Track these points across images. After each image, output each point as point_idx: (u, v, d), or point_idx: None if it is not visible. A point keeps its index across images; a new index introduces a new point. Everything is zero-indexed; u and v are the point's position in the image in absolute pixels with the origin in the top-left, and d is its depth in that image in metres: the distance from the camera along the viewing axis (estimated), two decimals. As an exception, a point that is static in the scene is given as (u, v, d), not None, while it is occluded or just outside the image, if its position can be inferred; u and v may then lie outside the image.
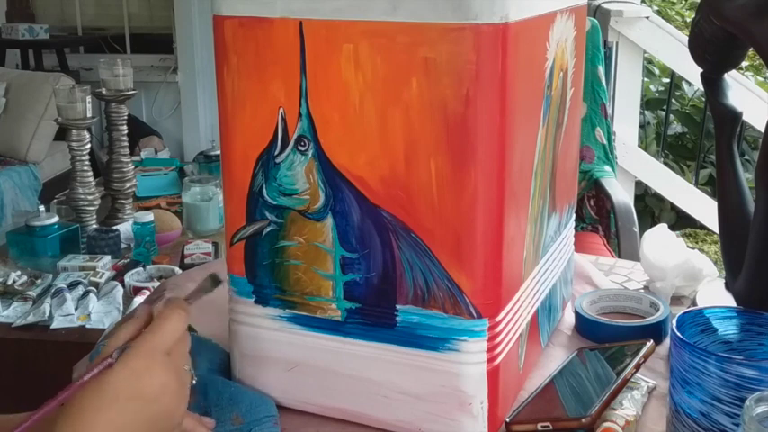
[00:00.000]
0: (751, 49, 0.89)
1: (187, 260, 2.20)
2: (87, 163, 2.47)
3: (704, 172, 3.95)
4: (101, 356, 0.64)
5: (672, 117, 4.15)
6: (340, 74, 0.73)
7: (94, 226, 2.47)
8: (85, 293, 2.02)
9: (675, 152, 4.22)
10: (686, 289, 1.12)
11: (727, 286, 0.97)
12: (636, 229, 2.30)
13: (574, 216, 1.06)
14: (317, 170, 0.77)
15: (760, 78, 4.28)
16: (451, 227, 0.73)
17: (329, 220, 0.77)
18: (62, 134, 2.75)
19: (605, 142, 2.60)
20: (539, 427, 0.77)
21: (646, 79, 4.03)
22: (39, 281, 2.12)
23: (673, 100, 3.98)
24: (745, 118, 0.97)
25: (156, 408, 0.63)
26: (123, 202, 2.60)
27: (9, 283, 2.09)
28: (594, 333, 1.00)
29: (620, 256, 2.20)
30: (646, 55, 3.38)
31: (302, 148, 0.77)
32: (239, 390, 0.83)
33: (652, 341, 0.87)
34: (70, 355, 1.05)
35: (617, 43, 3.18)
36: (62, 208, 2.60)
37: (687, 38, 0.96)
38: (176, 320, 0.68)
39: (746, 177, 0.94)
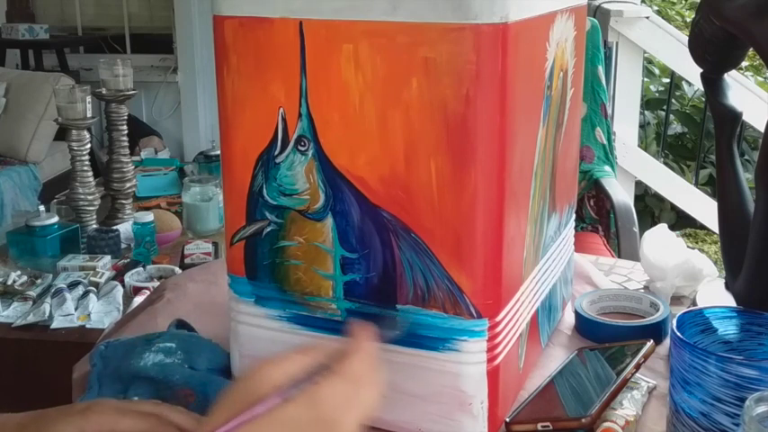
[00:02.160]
0: (751, 49, 0.89)
1: (187, 260, 2.20)
2: (87, 163, 2.47)
3: (704, 172, 3.95)
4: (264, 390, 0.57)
5: (672, 117, 4.16)
6: (340, 74, 0.73)
7: (94, 226, 2.47)
8: (85, 293, 2.02)
9: (675, 152, 4.22)
10: (686, 289, 1.12)
11: (727, 286, 0.97)
12: (636, 229, 2.30)
13: (574, 216, 1.06)
14: (317, 170, 0.77)
15: (760, 78, 4.28)
16: (451, 227, 0.73)
17: (329, 220, 0.77)
18: (62, 134, 2.75)
19: (605, 142, 2.60)
20: (539, 427, 0.77)
21: (646, 79, 4.03)
22: (39, 281, 2.12)
23: (673, 100, 3.98)
24: (745, 118, 0.97)
25: None
26: (123, 202, 2.60)
27: (9, 283, 2.09)
28: (594, 333, 1.00)
29: (620, 256, 2.20)
30: (646, 55, 3.38)
31: (302, 148, 0.77)
32: None
33: (652, 341, 0.87)
34: (70, 355, 1.05)
35: (617, 43, 3.19)
36: (62, 208, 2.60)
37: (687, 38, 0.96)
38: (348, 388, 0.60)
39: (746, 177, 0.94)
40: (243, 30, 0.76)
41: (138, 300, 1.91)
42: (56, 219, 2.33)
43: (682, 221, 3.92)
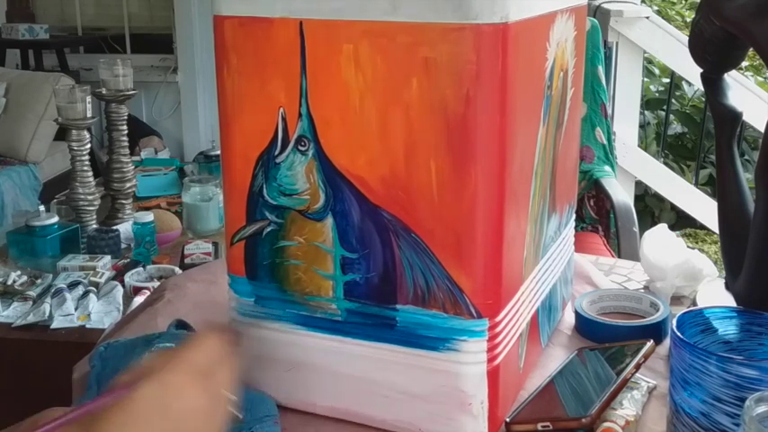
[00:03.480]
0: (751, 49, 0.89)
1: (187, 260, 2.20)
2: (87, 163, 2.47)
3: (704, 172, 3.95)
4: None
5: (672, 117, 4.16)
6: (340, 74, 0.73)
7: (94, 226, 2.47)
8: (85, 293, 2.02)
9: (675, 152, 4.22)
10: (686, 289, 1.12)
11: (727, 286, 0.97)
12: (636, 229, 2.30)
13: (574, 216, 1.06)
14: (318, 170, 0.77)
15: (760, 78, 4.28)
16: (451, 227, 0.73)
17: (329, 220, 0.77)
18: (62, 134, 2.75)
19: (605, 142, 2.60)
20: (539, 427, 0.77)
21: (646, 79, 4.03)
22: (39, 281, 2.12)
23: (673, 100, 3.98)
24: (745, 118, 0.97)
25: (184, 428, 0.59)
26: (123, 202, 2.60)
27: (9, 283, 2.09)
28: (594, 333, 1.00)
29: (620, 256, 2.20)
30: (646, 55, 3.38)
31: (302, 148, 0.77)
32: (239, 390, 0.83)
33: (652, 341, 0.87)
34: (70, 355, 1.05)
35: (617, 43, 3.19)
36: (62, 208, 2.60)
37: (687, 38, 0.96)
38: (215, 342, 0.64)
39: (746, 177, 0.94)
40: (243, 30, 0.76)
41: (138, 300, 1.91)
42: (56, 219, 2.33)
43: (682, 221, 3.92)
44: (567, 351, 0.96)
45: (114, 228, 2.42)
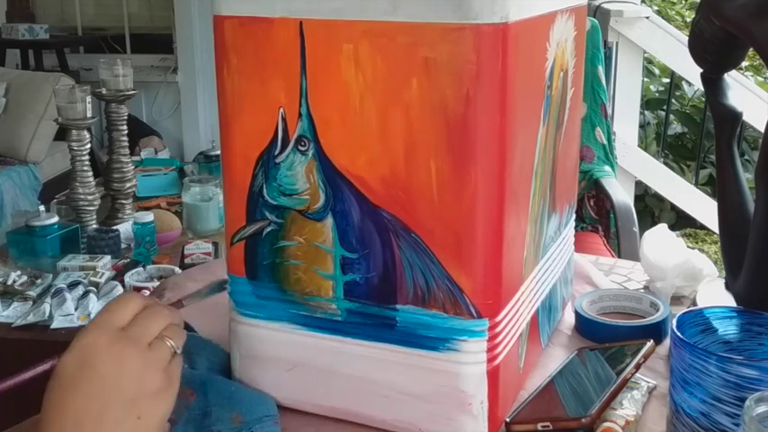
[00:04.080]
0: (751, 49, 0.89)
1: (187, 260, 2.20)
2: (87, 163, 2.47)
3: (704, 172, 3.95)
4: None
5: (672, 117, 4.16)
6: (340, 74, 0.73)
7: (94, 226, 2.47)
8: (85, 293, 2.02)
9: (675, 152, 4.22)
10: (686, 289, 1.12)
11: (727, 286, 0.97)
12: (636, 229, 2.30)
13: (574, 216, 1.06)
14: (318, 170, 0.77)
15: (760, 78, 4.28)
16: (451, 227, 0.73)
17: (329, 220, 0.77)
18: (62, 134, 2.75)
19: (605, 142, 2.61)
20: (539, 427, 0.77)
21: (646, 79, 4.03)
22: (39, 281, 2.12)
23: (673, 100, 3.98)
24: (745, 118, 0.97)
25: (115, 381, 0.62)
26: (123, 202, 2.60)
27: (9, 283, 2.09)
28: (594, 333, 1.00)
29: (620, 256, 2.20)
30: (646, 55, 3.38)
31: (302, 148, 0.77)
32: (239, 390, 0.83)
33: (652, 341, 0.87)
34: (70, 355, 1.05)
35: (617, 43, 3.19)
36: (62, 208, 2.60)
37: (687, 38, 0.96)
38: (128, 299, 0.68)
39: (746, 177, 0.94)
40: (243, 30, 0.76)
41: (138, 300, 1.90)
42: (56, 219, 2.33)
43: (682, 221, 3.92)
44: (567, 351, 0.96)
45: (114, 228, 2.42)
